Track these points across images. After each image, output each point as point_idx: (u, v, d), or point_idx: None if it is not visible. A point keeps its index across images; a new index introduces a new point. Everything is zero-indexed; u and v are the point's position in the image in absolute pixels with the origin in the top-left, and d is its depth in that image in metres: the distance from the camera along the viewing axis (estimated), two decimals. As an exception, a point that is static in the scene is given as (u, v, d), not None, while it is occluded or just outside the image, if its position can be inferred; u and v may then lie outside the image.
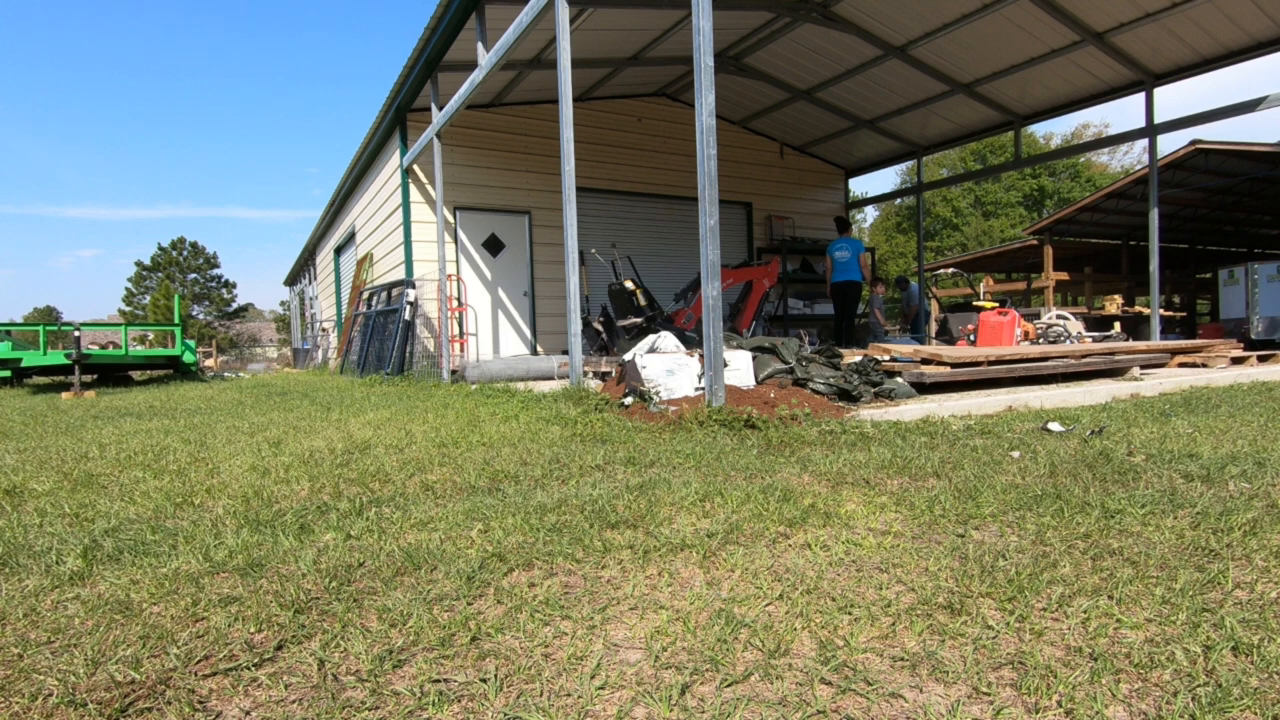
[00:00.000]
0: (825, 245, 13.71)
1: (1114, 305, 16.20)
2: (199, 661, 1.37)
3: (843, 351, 6.29)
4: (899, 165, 20.29)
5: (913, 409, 4.76)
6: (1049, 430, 3.83)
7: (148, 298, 48.66)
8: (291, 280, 28.21)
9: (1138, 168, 20.82)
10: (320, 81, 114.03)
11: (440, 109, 8.61)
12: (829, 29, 9.52)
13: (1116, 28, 8.87)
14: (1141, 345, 7.60)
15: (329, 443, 3.96)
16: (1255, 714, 1.11)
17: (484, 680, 1.26)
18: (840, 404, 4.87)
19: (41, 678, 1.30)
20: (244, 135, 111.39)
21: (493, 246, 10.81)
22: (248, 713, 1.20)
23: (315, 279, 21.13)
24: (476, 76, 7.33)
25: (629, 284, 9.66)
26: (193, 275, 53.01)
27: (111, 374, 12.66)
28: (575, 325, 5.85)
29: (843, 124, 12.49)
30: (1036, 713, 1.13)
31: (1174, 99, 13.26)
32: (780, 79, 11.28)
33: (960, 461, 2.99)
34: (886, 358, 6.12)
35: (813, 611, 1.51)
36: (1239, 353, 8.07)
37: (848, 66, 10.60)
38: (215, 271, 53.97)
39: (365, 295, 12.21)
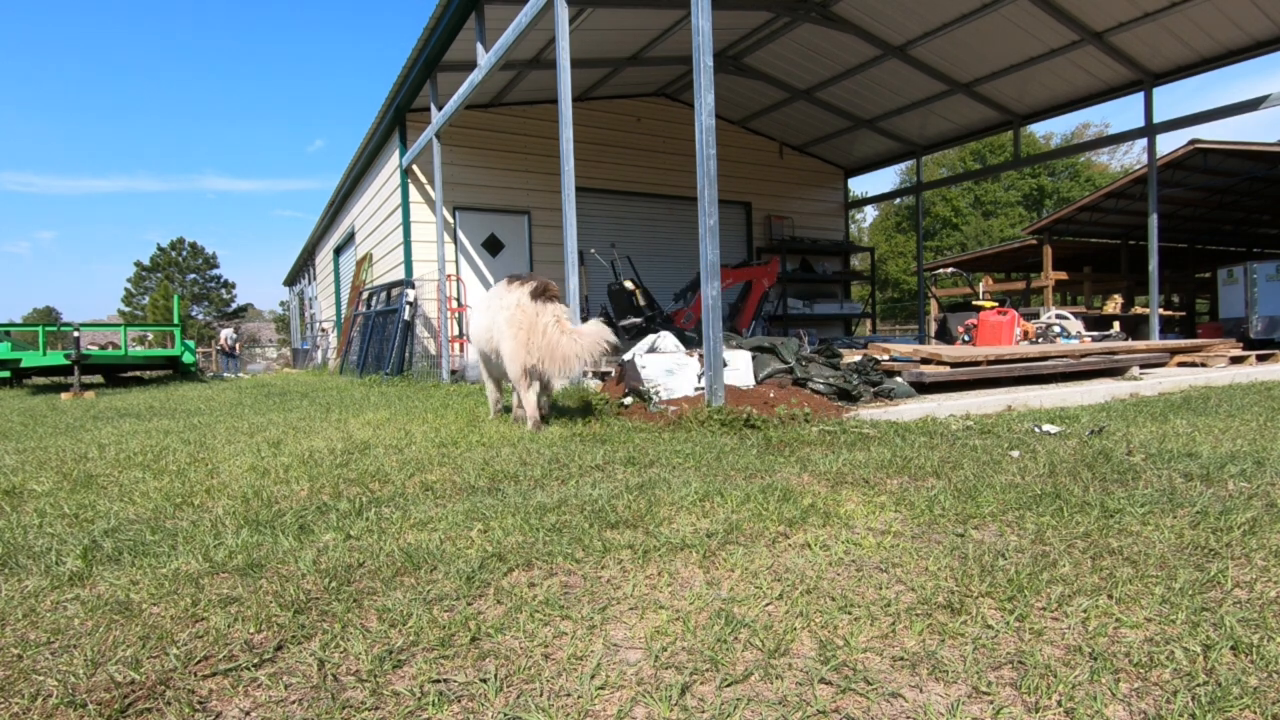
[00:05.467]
0: (825, 245, 13.73)
1: (1113, 305, 16.20)
2: (199, 662, 1.37)
3: (842, 351, 6.29)
4: (898, 165, 20.29)
5: (912, 408, 4.76)
6: (1044, 431, 3.83)
7: (147, 298, 48.65)
8: (291, 280, 28.20)
9: (1137, 167, 20.80)
10: (319, 80, 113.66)
11: (439, 109, 8.60)
12: (828, 29, 9.52)
13: (1115, 27, 8.87)
14: (1140, 345, 7.60)
15: (328, 443, 3.96)
16: (1255, 713, 1.11)
17: (484, 680, 1.26)
18: (840, 404, 4.87)
19: (41, 678, 1.30)
20: (230, 127, 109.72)
21: (492, 247, 10.80)
22: (248, 713, 1.20)
23: (315, 279, 21.12)
24: (476, 77, 7.33)
25: (629, 284, 9.66)
26: (192, 275, 52.99)
27: (112, 374, 12.66)
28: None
29: (842, 124, 12.49)
30: (1036, 712, 1.13)
31: (1173, 98, 13.28)
32: (780, 79, 11.28)
33: (960, 461, 2.99)
34: (886, 357, 6.12)
35: (813, 611, 1.51)
36: (1238, 352, 8.07)
37: (847, 66, 10.60)
38: (214, 272, 53.97)
39: (365, 295, 12.21)
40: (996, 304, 10.33)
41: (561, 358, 4.02)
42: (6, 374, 11.79)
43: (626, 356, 5.76)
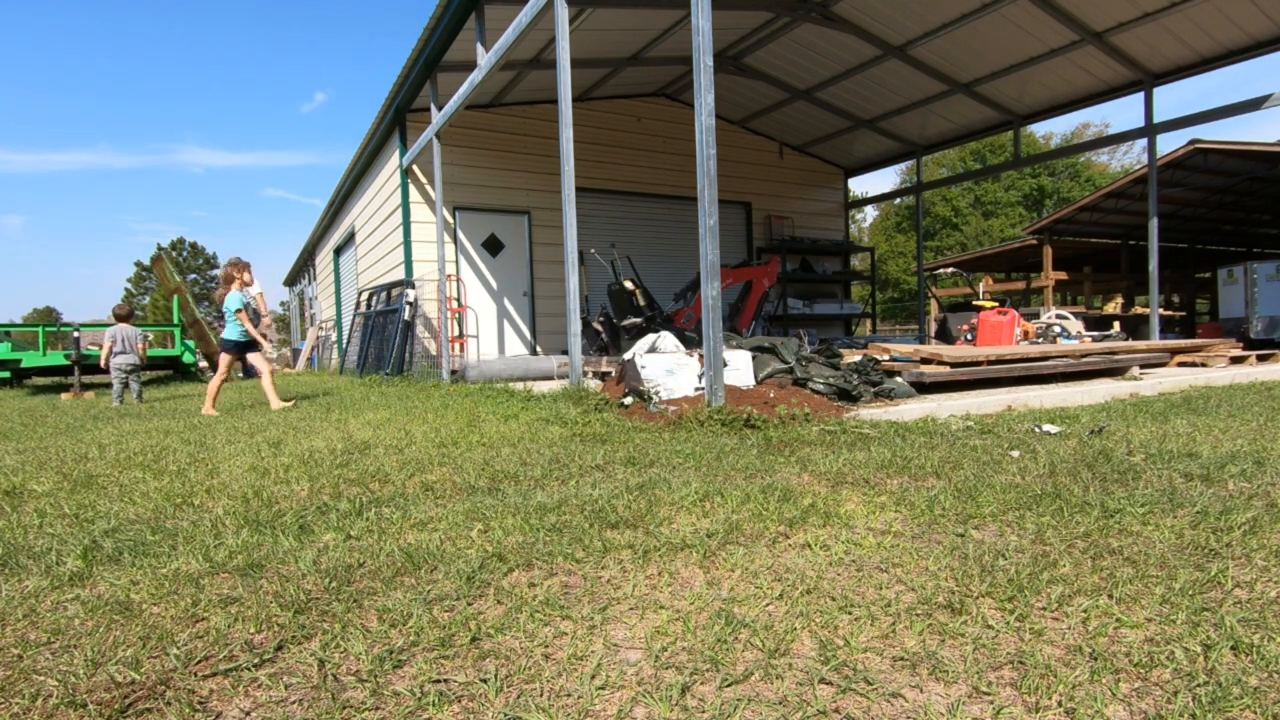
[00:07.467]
0: (825, 245, 13.73)
1: (1114, 305, 16.20)
2: (199, 662, 1.37)
3: (842, 351, 6.29)
4: (898, 165, 20.28)
5: (912, 408, 4.76)
6: (1044, 431, 3.83)
7: (147, 298, 48.66)
8: (291, 280, 28.21)
9: (1137, 167, 20.80)
10: (318, 80, 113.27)
11: (440, 109, 8.60)
12: (828, 29, 9.52)
13: (1115, 27, 8.87)
14: (1141, 345, 7.60)
15: (329, 443, 3.96)
16: (1255, 713, 1.11)
17: (484, 680, 1.26)
18: (840, 404, 4.87)
19: (42, 678, 1.30)
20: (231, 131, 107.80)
21: (492, 247, 10.80)
22: (248, 713, 1.20)
23: (315, 279, 21.13)
24: (476, 77, 7.32)
25: (628, 284, 9.66)
26: (192, 276, 53.01)
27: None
28: (575, 325, 5.85)
29: (842, 124, 12.49)
30: (1036, 712, 1.13)
31: (1173, 98, 13.27)
32: (780, 79, 11.28)
33: (960, 461, 2.99)
34: (886, 357, 6.12)
35: (813, 611, 1.51)
36: (1238, 352, 8.06)
37: (847, 66, 10.60)
38: (215, 272, 53.98)
39: (365, 295, 12.21)
40: (996, 304, 10.33)
41: None
42: (6, 374, 11.79)
43: (627, 356, 5.76)
